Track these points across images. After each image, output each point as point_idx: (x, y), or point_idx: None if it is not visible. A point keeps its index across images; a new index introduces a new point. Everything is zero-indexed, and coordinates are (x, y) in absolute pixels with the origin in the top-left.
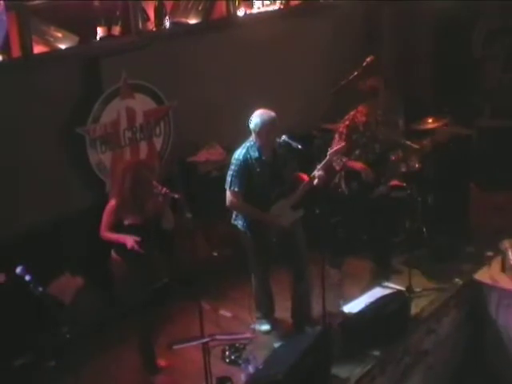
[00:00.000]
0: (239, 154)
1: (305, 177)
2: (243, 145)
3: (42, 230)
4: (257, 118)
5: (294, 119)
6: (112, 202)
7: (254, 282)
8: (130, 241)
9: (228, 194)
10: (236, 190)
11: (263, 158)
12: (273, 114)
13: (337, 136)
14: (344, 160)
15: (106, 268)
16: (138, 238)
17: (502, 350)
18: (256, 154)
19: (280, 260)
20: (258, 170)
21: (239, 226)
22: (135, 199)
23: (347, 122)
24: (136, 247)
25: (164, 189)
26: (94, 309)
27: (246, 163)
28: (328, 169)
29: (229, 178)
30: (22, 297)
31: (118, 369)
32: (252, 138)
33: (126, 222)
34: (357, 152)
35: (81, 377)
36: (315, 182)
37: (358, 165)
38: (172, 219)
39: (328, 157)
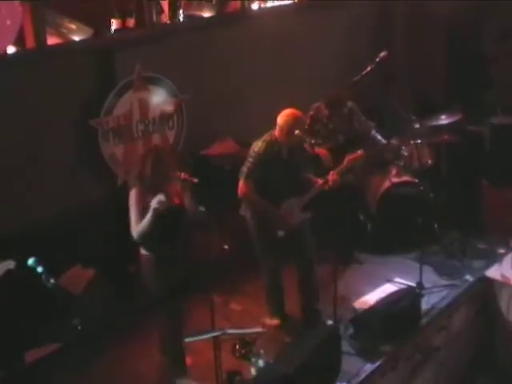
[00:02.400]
0: (259, 147)
1: (318, 180)
2: (263, 138)
3: (53, 222)
4: (286, 116)
5: (306, 114)
6: (133, 191)
7: (263, 276)
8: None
9: (241, 183)
10: (250, 181)
11: (281, 154)
12: (301, 114)
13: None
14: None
15: (118, 260)
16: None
17: None
18: (275, 150)
19: (288, 256)
20: (274, 165)
21: (247, 218)
22: (156, 183)
23: (311, 113)
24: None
25: (183, 174)
26: (106, 302)
27: (264, 157)
28: (343, 173)
29: (245, 169)
30: (34, 288)
31: (131, 362)
32: (274, 133)
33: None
34: (319, 141)
35: (93, 370)
36: (328, 185)
37: (320, 150)
38: (193, 205)
39: (346, 162)
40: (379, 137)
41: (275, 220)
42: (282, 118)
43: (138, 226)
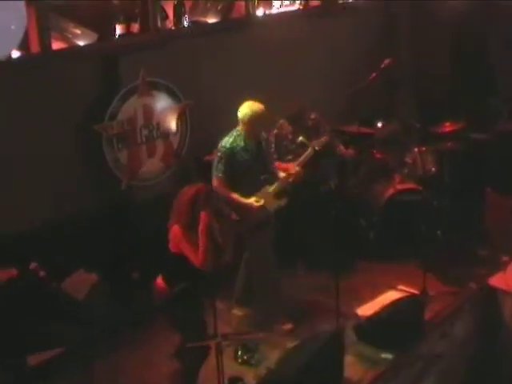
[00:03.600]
0: (226, 141)
1: (288, 167)
2: (230, 133)
3: (56, 227)
4: (245, 108)
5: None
6: (176, 229)
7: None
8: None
9: (213, 178)
10: (220, 175)
11: (248, 147)
12: (261, 106)
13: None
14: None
15: (121, 265)
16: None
17: None
18: (242, 143)
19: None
20: (243, 158)
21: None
22: (192, 223)
23: (275, 131)
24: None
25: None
26: (109, 307)
27: (231, 151)
28: (308, 163)
29: (214, 164)
30: (37, 293)
31: (134, 368)
32: (239, 128)
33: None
34: (289, 157)
35: (95, 375)
36: (291, 179)
37: (288, 167)
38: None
39: (310, 150)
40: (342, 148)
41: (249, 210)
42: (240, 111)
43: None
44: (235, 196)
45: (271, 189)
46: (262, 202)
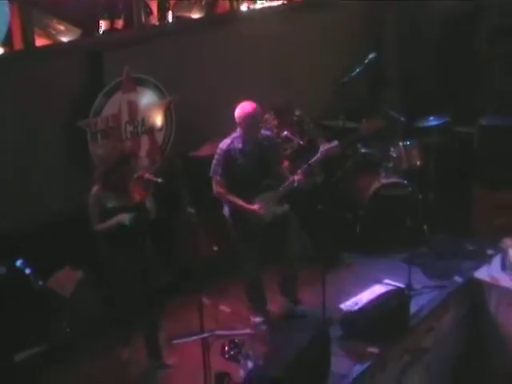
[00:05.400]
0: (223, 143)
1: (289, 176)
2: (230, 135)
3: (43, 224)
4: (240, 109)
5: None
6: (95, 187)
7: (244, 275)
8: (122, 217)
9: (212, 181)
10: (218, 178)
11: (246, 149)
12: (256, 106)
13: None
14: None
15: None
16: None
17: (501, 348)
18: (240, 145)
19: (269, 252)
20: (241, 160)
21: (226, 216)
22: (116, 182)
23: (260, 125)
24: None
25: (146, 174)
26: (95, 304)
27: (228, 153)
28: (315, 167)
29: (212, 166)
30: (22, 290)
31: (118, 366)
32: (237, 130)
33: (109, 205)
34: None
35: (81, 372)
36: (295, 184)
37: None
38: (153, 207)
39: (319, 155)
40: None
41: (248, 214)
42: (236, 112)
43: (97, 225)
44: (235, 199)
45: (273, 194)
46: (264, 209)
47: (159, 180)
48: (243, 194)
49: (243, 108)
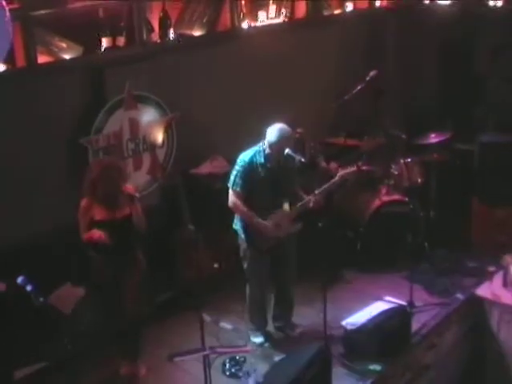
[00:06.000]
0: (246, 155)
1: (304, 196)
2: (251, 148)
3: (44, 240)
4: (276, 131)
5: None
6: (84, 200)
7: (248, 293)
8: (96, 233)
9: (230, 193)
10: (238, 190)
11: (268, 165)
12: (290, 130)
13: None
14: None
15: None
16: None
17: (503, 365)
18: (262, 160)
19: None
20: (261, 175)
21: (238, 231)
22: (102, 195)
23: None
24: (103, 238)
25: (128, 187)
26: (96, 321)
27: (251, 166)
28: (331, 190)
29: (232, 178)
30: (23, 307)
31: (117, 380)
32: (262, 145)
33: (97, 217)
34: None
35: None
36: (310, 204)
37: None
38: (143, 222)
39: (337, 178)
40: (324, 163)
41: (262, 231)
42: (270, 133)
43: (84, 235)
44: (251, 214)
45: (289, 213)
46: (278, 227)
47: (137, 194)
48: (258, 209)
49: (280, 130)
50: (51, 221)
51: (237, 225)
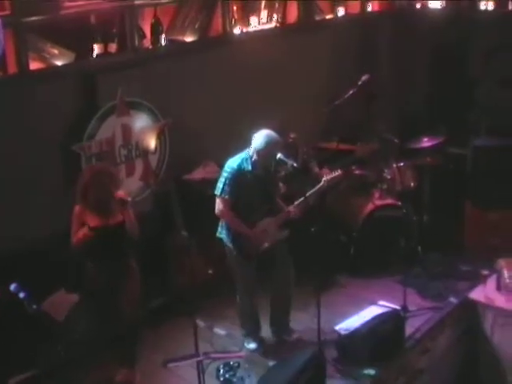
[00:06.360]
0: (233, 161)
1: (284, 207)
2: (238, 155)
3: (37, 247)
4: (262, 138)
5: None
6: (77, 207)
7: (238, 299)
8: (79, 233)
9: (218, 200)
10: (226, 197)
11: (255, 172)
12: (277, 137)
13: None
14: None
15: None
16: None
17: (496, 369)
18: (249, 167)
19: (262, 272)
20: (248, 182)
21: (224, 239)
22: (94, 201)
23: None
24: (87, 234)
25: (119, 193)
26: (90, 328)
27: (239, 173)
28: (319, 195)
29: (220, 185)
30: (16, 314)
31: None
32: (249, 152)
33: (91, 224)
34: None
35: None
36: (290, 215)
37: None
38: (136, 228)
39: (323, 183)
40: (317, 168)
41: (249, 239)
42: (256, 140)
43: (76, 240)
44: (238, 221)
45: (274, 220)
46: (265, 235)
47: (128, 199)
48: (245, 216)
49: (266, 137)
50: (46, 227)
51: (221, 233)
